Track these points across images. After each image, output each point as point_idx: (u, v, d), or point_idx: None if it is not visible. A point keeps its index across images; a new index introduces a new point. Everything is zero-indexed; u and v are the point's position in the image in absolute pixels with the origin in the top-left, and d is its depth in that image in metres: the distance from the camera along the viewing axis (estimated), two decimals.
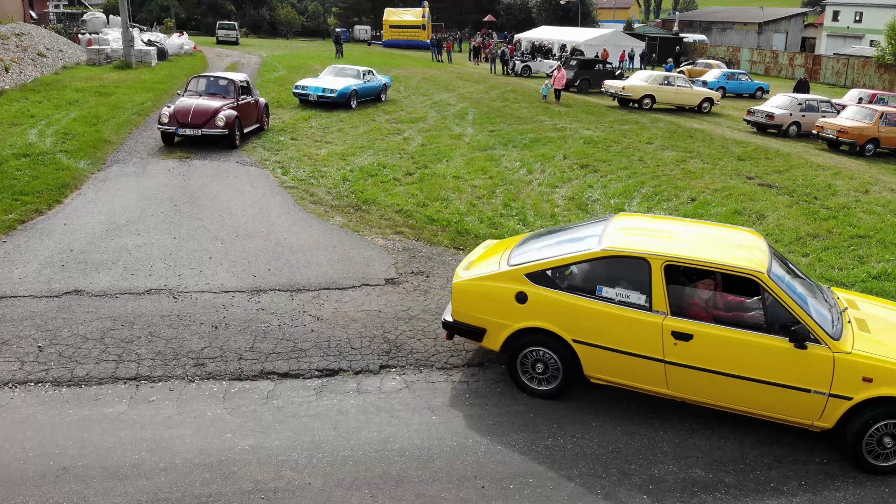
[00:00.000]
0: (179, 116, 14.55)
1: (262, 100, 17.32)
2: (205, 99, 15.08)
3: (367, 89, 22.71)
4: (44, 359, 6.24)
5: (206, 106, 14.70)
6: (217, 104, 14.83)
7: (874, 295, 9.10)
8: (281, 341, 6.86)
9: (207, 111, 14.59)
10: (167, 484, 4.82)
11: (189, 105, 14.71)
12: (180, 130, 14.45)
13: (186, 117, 14.52)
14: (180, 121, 14.44)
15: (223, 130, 14.55)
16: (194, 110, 14.61)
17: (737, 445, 5.73)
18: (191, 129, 14.44)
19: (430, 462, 5.25)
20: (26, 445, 5.12)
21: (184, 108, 14.63)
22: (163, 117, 14.53)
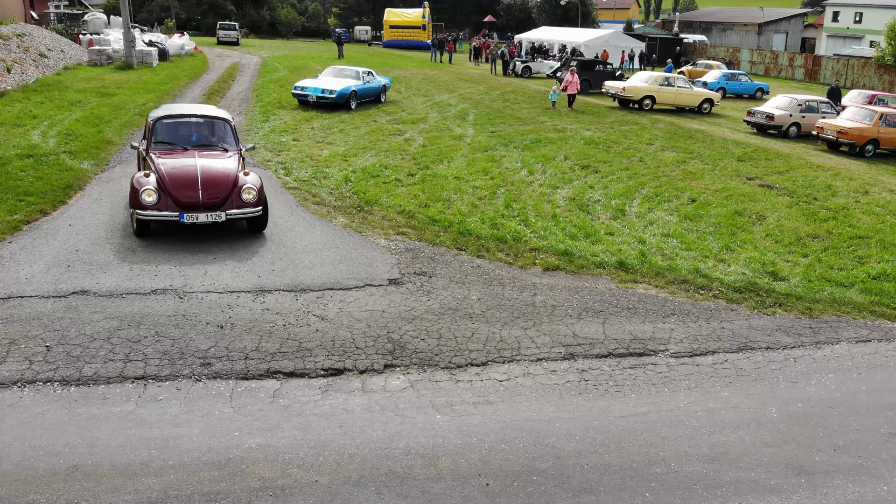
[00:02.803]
0: (179, 190, 9.09)
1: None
2: (202, 155, 9.94)
3: (367, 90, 22.55)
4: (52, 358, 6.31)
5: (217, 169, 9.58)
6: (228, 163, 9.87)
7: (875, 296, 9.18)
8: (286, 341, 6.92)
9: (224, 178, 9.39)
10: (176, 482, 4.88)
11: (190, 169, 9.38)
12: (187, 217, 9.02)
13: (192, 191, 9.12)
14: (181, 199, 9.07)
15: (255, 209, 9.45)
16: (204, 177, 9.25)
17: (737, 444, 5.79)
18: (206, 213, 9.10)
19: (435, 460, 5.31)
20: (36, 444, 5.18)
21: (184, 175, 9.26)
22: (145, 194, 8.86)
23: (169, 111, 11.04)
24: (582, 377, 6.73)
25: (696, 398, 6.50)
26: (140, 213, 9.04)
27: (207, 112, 11.25)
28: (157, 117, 10.55)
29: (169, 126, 10.53)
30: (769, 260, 10.25)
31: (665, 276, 9.40)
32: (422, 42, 57.19)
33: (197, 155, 9.92)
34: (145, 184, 9.09)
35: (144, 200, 8.97)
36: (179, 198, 9.11)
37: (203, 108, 11.77)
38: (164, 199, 9.06)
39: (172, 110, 11.21)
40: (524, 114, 22.95)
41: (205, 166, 9.59)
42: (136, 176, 9.45)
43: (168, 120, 10.58)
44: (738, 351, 7.53)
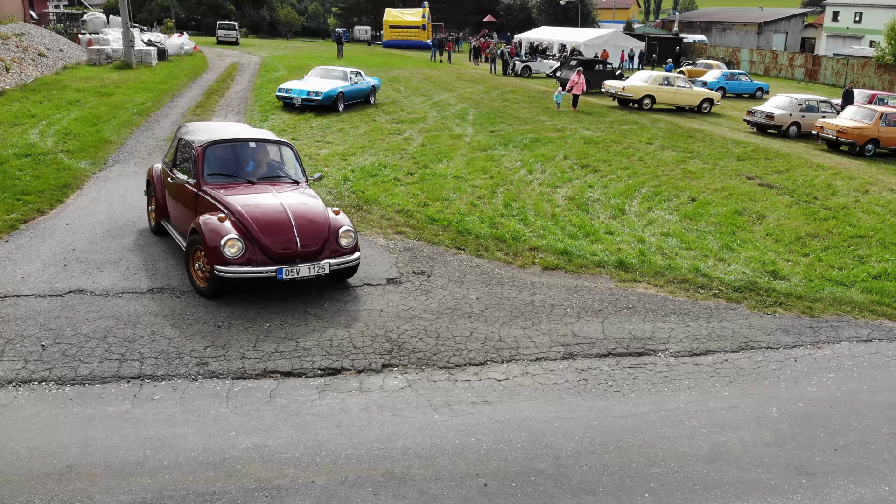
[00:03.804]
0: (271, 238, 7.42)
1: None
2: (280, 191, 8.15)
3: (355, 92, 21.78)
4: (47, 358, 6.26)
5: (308, 209, 7.89)
6: (316, 201, 8.18)
7: (876, 295, 9.15)
8: (283, 340, 6.88)
9: (320, 220, 7.81)
10: (171, 482, 4.84)
11: (276, 210, 7.68)
12: (286, 272, 7.36)
13: (287, 238, 7.46)
14: (275, 249, 7.39)
15: (355, 257, 7.96)
16: (297, 220, 7.60)
17: (738, 444, 5.75)
18: (306, 265, 7.48)
19: (433, 460, 5.27)
20: (30, 444, 5.13)
21: (272, 218, 7.57)
22: (228, 246, 7.20)
23: (217, 133, 8.76)
24: (581, 377, 6.68)
25: (696, 398, 6.46)
26: (223, 271, 7.13)
27: (265, 135, 9.17)
28: (207, 143, 8.28)
29: (224, 153, 8.48)
30: (769, 259, 10.21)
31: (665, 275, 9.36)
32: (422, 42, 57.16)
33: (273, 191, 8.10)
34: (225, 231, 7.19)
35: (228, 253, 7.12)
36: (273, 248, 7.35)
37: (255, 131, 9.45)
38: (251, 249, 7.26)
39: (218, 132, 8.90)
40: (524, 113, 22.91)
41: (292, 206, 7.76)
42: (204, 219, 7.43)
43: (222, 145, 8.47)
44: (739, 350, 7.49)
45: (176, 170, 8.75)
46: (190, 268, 7.80)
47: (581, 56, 38.41)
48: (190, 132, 8.93)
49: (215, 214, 7.56)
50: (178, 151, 8.87)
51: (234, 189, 8.09)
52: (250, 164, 8.67)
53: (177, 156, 8.89)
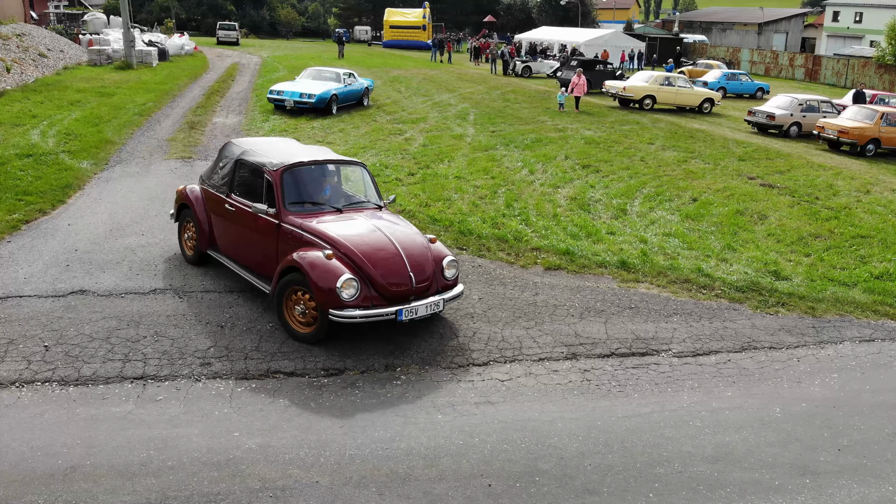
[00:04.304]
0: (387, 275, 6.74)
1: None
2: (375, 220, 7.39)
3: (349, 93, 21.28)
4: (50, 358, 6.26)
5: (412, 240, 7.17)
6: (414, 230, 7.52)
7: (878, 295, 9.15)
8: (286, 341, 6.87)
9: (426, 252, 7.13)
10: (175, 482, 4.84)
11: (384, 243, 6.95)
12: (406, 314, 6.71)
13: (401, 274, 6.79)
14: (392, 287, 6.71)
15: (459, 290, 7.35)
16: (407, 254, 6.93)
17: (741, 445, 5.75)
18: (418, 301, 6.83)
19: (437, 461, 5.27)
20: (34, 444, 5.13)
21: (383, 253, 6.85)
22: (345, 287, 6.48)
23: (288, 154, 7.72)
24: (584, 377, 6.68)
25: (700, 398, 6.45)
26: (339, 315, 6.45)
27: (333, 155, 8.23)
28: (284, 166, 7.31)
29: (303, 178, 7.57)
30: (771, 259, 10.21)
31: (667, 275, 9.36)
32: (422, 42, 57.19)
33: (366, 219, 7.35)
34: (340, 271, 6.48)
35: (344, 296, 6.45)
36: (388, 286, 6.67)
37: (317, 149, 8.42)
38: (366, 289, 6.63)
39: (284, 152, 7.86)
40: (524, 113, 22.91)
41: (396, 236, 7.06)
42: (308, 257, 6.64)
43: (300, 169, 7.53)
44: (742, 350, 7.49)
45: (235, 195, 7.72)
46: (284, 311, 6.89)
47: (581, 56, 38.42)
48: (251, 153, 7.79)
49: (317, 250, 6.71)
50: (237, 174, 7.79)
51: (324, 219, 7.19)
52: (326, 189, 7.80)
53: (234, 179, 7.80)
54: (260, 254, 7.45)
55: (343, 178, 8.29)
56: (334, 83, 20.85)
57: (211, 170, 8.49)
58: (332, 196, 7.77)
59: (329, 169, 8.02)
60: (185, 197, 8.56)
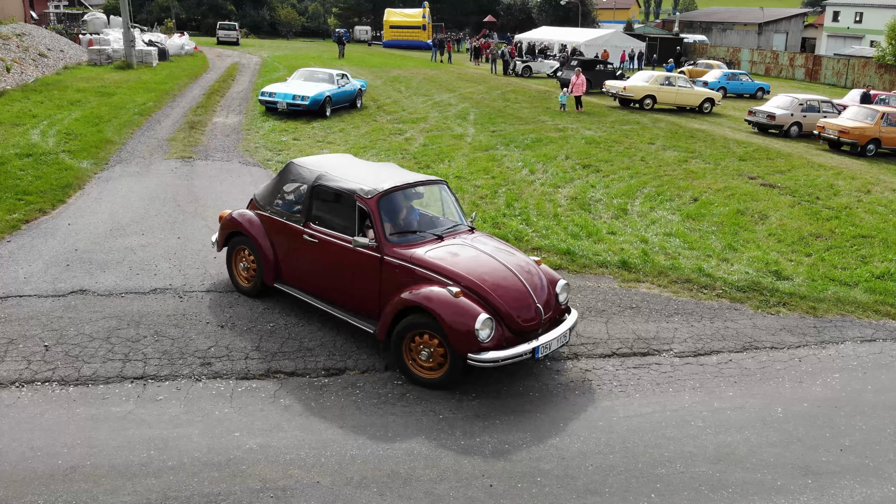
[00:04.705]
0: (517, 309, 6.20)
1: None
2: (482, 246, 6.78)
3: (342, 95, 20.73)
4: (50, 358, 6.24)
5: (526, 267, 6.63)
6: (521, 255, 6.93)
7: (879, 295, 9.13)
8: (287, 341, 6.86)
9: (542, 279, 6.62)
10: (176, 483, 4.82)
11: (505, 273, 6.41)
12: (542, 350, 6.21)
13: (529, 307, 6.27)
14: (523, 322, 6.18)
15: (575, 316, 6.87)
16: (529, 283, 6.43)
17: (744, 445, 5.74)
18: (546, 334, 6.33)
19: (438, 461, 5.25)
20: (34, 444, 5.12)
21: (508, 284, 6.31)
22: (482, 327, 5.87)
23: (377, 179, 6.95)
24: (585, 377, 6.67)
25: (701, 398, 6.44)
26: (478, 360, 5.87)
27: (420, 175, 7.57)
28: (378, 193, 6.62)
29: (397, 203, 6.93)
30: (772, 259, 10.19)
31: (668, 275, 9.34)
32: (422, 42, 57.22)
33: (472, 245, 6.76)
34: (475, 310, 5.90)
35: (482, 336, 5.88)
36: (520, 322, 6.16)
37: (394, 169, 7.71)
38: (498, 328, 6.05)
39: (370, 176, 7.09)
40: (525, 113, 22.90)
41: (513, 264, 6.55)
42: (435, 296, 6.01)
43: (394, 195, 6.86)
44: (743, 350, 7.47)
45: (316, 225, 6.99)
46: (404, 357, 6.29)
47: (581, 56, 38.43)
48: (330, 177, 7.04)
49: (436, 286, 6.11)
50: (314, 202, 7.07)
51: (430, 249, 6.53)
52: (416, 214, 7.18)
53: (312, 207, 7.08)
54: (355, 290, 6.72)
55: (445, 199, 7.47)
56: (327, 84, 20.25)
57: (271, 194, 7.60)
58: (430, 221, 7.15)
59: (419, 191, 7.34)
60: (236, 224, 7.65)
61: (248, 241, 7.60)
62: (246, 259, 7.73)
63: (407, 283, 6.31)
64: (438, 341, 6.07)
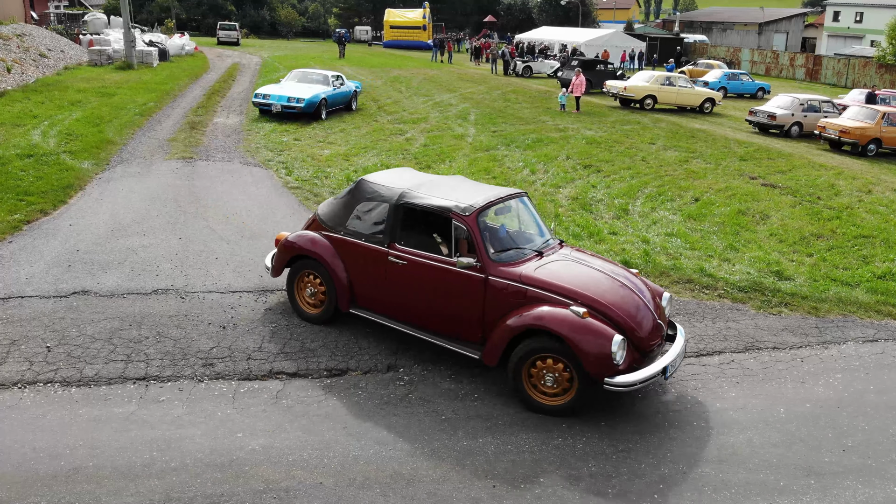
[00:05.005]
0: (641, 326, 5.97)
1: None
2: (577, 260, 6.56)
3: (338, 97, 20.25)
4: (52, 359, 6.24)
5: (635, 280, 6.47)
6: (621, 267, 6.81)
7: (881, 295, 9.13)
8: (289, 341, 6.86)
9: (653, 296, 6.46)
10: (179, 484, 4.82)
11: (625, 290, 6.16)
12: (671, 368, 6.03)
13: (650, 323, 6.08)
14: (647, 339, 5.99)
15: (681, 328, 6.63)
16: (646, 298, 6.27)
17: (745, 446, 5.73)
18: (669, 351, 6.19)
19: (441, 462, 5.25)
20: (37, 446, 5.12)
21: (630, 303, 6.06)
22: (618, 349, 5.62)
23: (465, 194, 6.66)
24: None
25: (703, 398, 6.43)
26: (615, 384, 5.61)
27: (501, 188, 7.18)
28: (475, 209, 6.29)
29: (492, 220, 6.71)
30: (774, 259, 10.19)
31: (669, 275, 9.34)
32: (422, 42, 57.25)
33: (582, 260, 6.55)
34: (608, 332, 5.65)
35: (618, 359, 5.63)
36: (647, 340, 5.97)
37: (467, 182, 7.39)
38: (628, 348, 5.82)
39: (456, 191, 6.79)
40: (525, 113, 22.90)
41: (623, 279, 6.35)
42: (566, 317, 5.69)
43: (488, 210, 6.53)
44: (745, 351, 7.47)
45: (402, 246, 6.56)
46: (524, 384, 5.97)
47: (582, 56, 38.43)
48: (414, 194, 6.64)
49: (556, 307, 5.82)
50: (399, 220, 6.63)
51: (537, 266, 6.23)
52: (504, 229, 6.83)
53: (396, 226, 6.63)
54: (453, 313, 6.33)
55: (532, 210, 7.13)
56: (323, 86, 19.74)
57: (342, 214, 7.08)
58: (523, 236, 6.77)
59: (510, 205, 6.88)
60: (302, 248, 7.14)
61: (317, 266, 7.08)
62: (312, 284, 7.19)
63: (518, 305, 5.98)
64: (563, 366, 5.78)
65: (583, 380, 5.72)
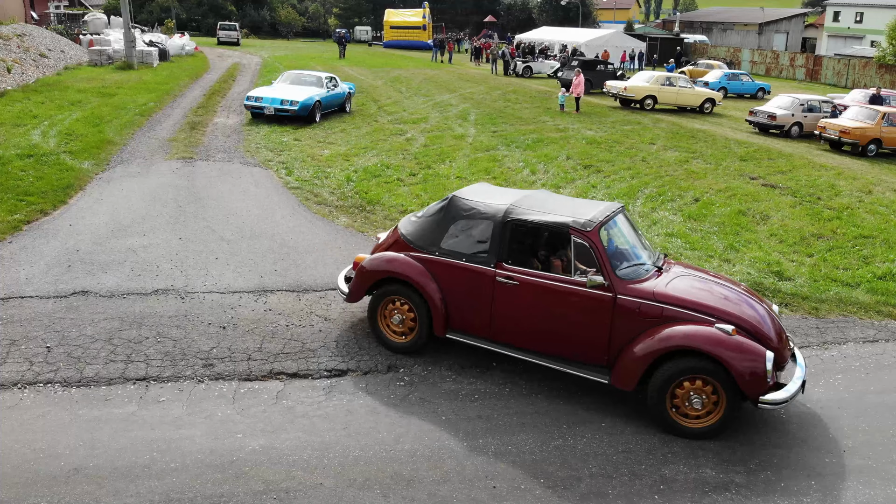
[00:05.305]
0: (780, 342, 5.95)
1: None
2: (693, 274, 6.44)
3: (332, 99, 19.79)
4: (52, 359, 6.24)
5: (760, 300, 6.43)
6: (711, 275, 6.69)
7: (881, 296, 9.12)
8: (289, 342, 6.86)
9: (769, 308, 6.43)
10: (178, 484, 4.82)
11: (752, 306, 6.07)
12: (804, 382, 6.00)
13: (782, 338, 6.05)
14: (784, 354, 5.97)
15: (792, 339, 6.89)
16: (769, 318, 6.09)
17: (746, 446, 5.73)
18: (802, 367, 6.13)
19: (441, 462, 5.25)
20: (37, 446, 5.11)
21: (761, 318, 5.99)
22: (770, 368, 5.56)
23: (577, 208, 6.48)
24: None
25: None
26: (770, 402, 5.55)
27: (605, 203, 6.89)
28: (595, 224, 6.04)
29: (609, 235, 6.33)
30: (774, 260, 10.18)
31: None
32: (422, 42, 57.25)
33: (701, 274, 6.49)
34: (760, 349, 5.57)
35: (769, 377, 5.55)
36: (784, 353, 5.96)
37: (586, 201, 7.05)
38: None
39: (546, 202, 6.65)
40: (525, 113, 22.89)
41: (746, 293, 6.37)
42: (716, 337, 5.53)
43: (607, 225, 6.30)
44: None
45: (512, 265, 6.22)
46: (668, 409, 5.75)
47: (582, 56, 38.43)
48: (522, 210, 6.33)
49: (701, 325, 5.66)
50: (507, 238, 6.28)
51: (666, 282, 6.05)
52: (611, 244, 6.29)
53: (504, 245, 6.27)
54: (574, 335, 6.03)
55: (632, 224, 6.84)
56: (317, 88, 19.21)
57: (435, 233, 6.64)
58: (625, 252, 6.39)
59: (620, 220, 6.55)
60: (390, 271, 6.68)
61: (407, 290, 6.64)
62: (400, 311, 6.73)
63: (652, 325, 5.77)
64: (712, 387, 5.63)
65: (732, 400, 5.57)
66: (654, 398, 5.72)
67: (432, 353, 6.85)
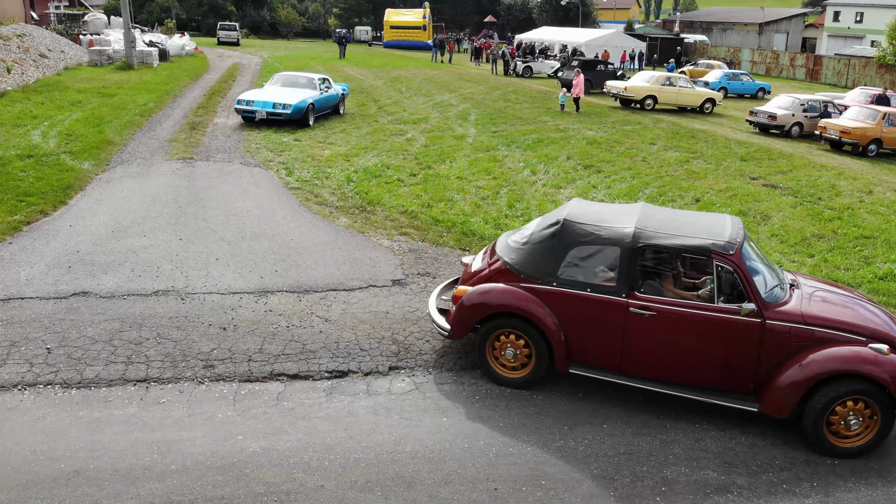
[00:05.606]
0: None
1: None
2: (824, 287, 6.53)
3: (326, 102, 19.22)
4: (53, 360, 6.23)
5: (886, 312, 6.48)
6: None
7: (882, 296, 9.10)
8: (290, 343, 6.84)
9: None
10: (179, 486, 4.81)
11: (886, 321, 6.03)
12: None
13: None
14: None
15: None
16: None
17: (748, 447, 5.72)
18: None
19: (442, 464, 5.23)
20: (37, 448, 5.10)
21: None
22: None
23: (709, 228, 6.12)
24: (607, 386, 6.63)
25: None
26: None
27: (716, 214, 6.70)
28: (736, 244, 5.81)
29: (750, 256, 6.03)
30: (775, 260, 10.15)
31: None
32: (422, 42, 57.24)
33: (831, 288, 6.48)
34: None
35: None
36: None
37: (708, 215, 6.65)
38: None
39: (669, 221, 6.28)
40: (526, 114, 22.88)
41: (874, 303, 6.41)
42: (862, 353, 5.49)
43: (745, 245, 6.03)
44: None
45: (645, 294, 5.89)
46: (824, 433, 5.64)
47: (582, 56, 38.42)
48: (651, 234, 5.94)
49: (855, 346, 5.55)
50: (639, 265, 5.96)
51: (809, 301, 5.92)
52: (749, 265, 5.92)
53: (636, 273, 5.92)
54: (719, 364, 5.78)
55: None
56: (310, 91, 18.57)
57: (549, 262, 6.17)
58: (763, 271, 6.05)
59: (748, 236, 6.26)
60: (503, 306, 6.22)
61: (522, 323, 6.21)
62: (514, 345, 6.30)
63: (800, 348, 5.62)
64: (864, 405, 5.55)
65: (887, 419, 5.55)
66: (811, 422, 5.59)
67: (433, 355, 6.84)
